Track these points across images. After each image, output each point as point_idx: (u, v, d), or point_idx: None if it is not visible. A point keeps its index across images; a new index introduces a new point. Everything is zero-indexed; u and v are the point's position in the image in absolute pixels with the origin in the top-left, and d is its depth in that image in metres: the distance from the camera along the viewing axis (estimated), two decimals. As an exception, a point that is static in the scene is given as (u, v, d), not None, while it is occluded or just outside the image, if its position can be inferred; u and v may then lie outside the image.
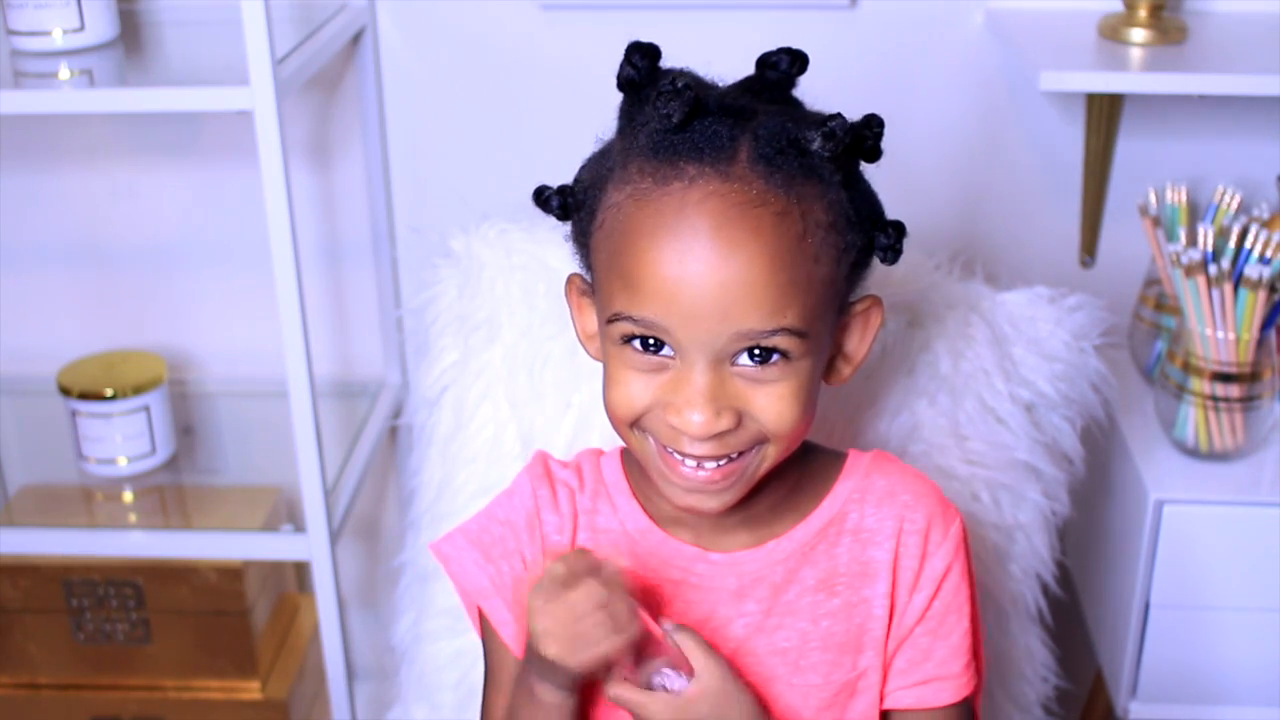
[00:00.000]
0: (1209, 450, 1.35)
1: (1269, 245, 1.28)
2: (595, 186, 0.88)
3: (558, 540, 0.97)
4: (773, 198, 0.81)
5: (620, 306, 0.84)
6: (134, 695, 1.65)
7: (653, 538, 0.94)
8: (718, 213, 0.80)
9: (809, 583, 0.93)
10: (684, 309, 0.81)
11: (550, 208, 0.91)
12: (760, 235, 0.80)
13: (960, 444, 1.19)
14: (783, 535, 0.94)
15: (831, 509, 0.95)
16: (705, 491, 0.87)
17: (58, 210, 1.65)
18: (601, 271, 0.87)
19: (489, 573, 0.97)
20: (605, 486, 0.98)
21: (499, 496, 1.01)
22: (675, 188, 0.81)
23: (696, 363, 0.82)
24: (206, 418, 1.69)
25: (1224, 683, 1.38)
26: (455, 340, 1.26)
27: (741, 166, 0.81)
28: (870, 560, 0.93)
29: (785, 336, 0.82)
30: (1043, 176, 1.57)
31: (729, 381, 0.83)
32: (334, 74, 1.57)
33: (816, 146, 0.82)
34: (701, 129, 0.82)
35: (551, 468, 1.00)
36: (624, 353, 0.85)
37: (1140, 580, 1.34)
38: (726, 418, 0.83)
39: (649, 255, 0.81)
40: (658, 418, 0.85)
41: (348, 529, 1.73)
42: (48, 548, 1.51)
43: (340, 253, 1.66)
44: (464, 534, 1.00)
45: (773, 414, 0.84)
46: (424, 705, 1.29)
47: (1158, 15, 1.39)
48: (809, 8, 1.50)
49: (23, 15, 1.32)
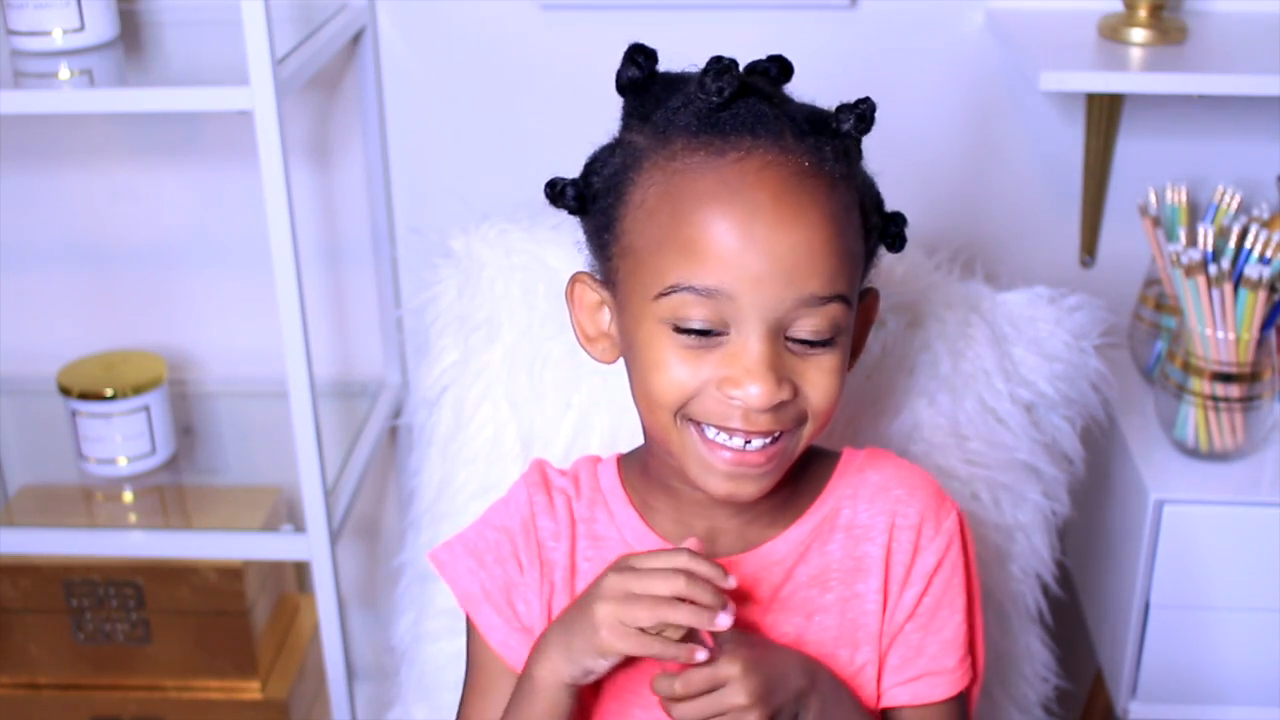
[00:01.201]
0: (1209, 450, 1.35)
1: (1269, 245, 1.28)
2: (621, 173, 0.87)
3: (553, 547, 0.97)
4: (823, 170, 0.83)
5: (679, 277, 0.83)
6: (134, 695, 1.65)
7: (649, 544, 0.94)
8: (778, 180, 0.81)
9: (802, 579, 0.93)
10: (751, 273, 0.81)
11: (564, 200, 0.91)
12: (819, 203, 0.82)
13: (960, 444, 1.19)
14: (778, 536, 0.94)
15: (825, 507, 0.95)
16: (747, 476, 0.86)
17: (58, 210, 1.65)
18: (645, 251, 0.85)
19: (480, 579, 0.98)
20: (602, 494, 0.97)
21: (496, 504, 1.01)
22: (732, 157, 0.82)
23: (755, 332, 0.82)
24: (206, 418, 1.69)
25: (1224, 683, 1.38)
26: (455, 340, 1.26)
27: (790, 141, 0.83)
28: (863, 556, 0.94)
29: (839, 305, 0.83)
30: (1043, 176, 1.57)
31: (785, 354, 0.84)
32: (334, 74, 1.57)
33: (849, 127, 0.84)
34: (746, 106, 0.83)
35: (549, 475, 1.00)
36: (672, 336, 0.84)
37: (1140, 580, 1.34)
38: (786, 388, 0.83)
39: (711, 222, 0.81)
40: (709, 397, 0.84)
41: (348, 529, 1.73)
42: (48, 548, 1.51)
43: (340, 253, 1.66)
44: (461, 542, 1.00)
45: (821, 389, 0.85)
46: (424, 705, 1.29)
47: (1158, 15, 1.39)
48: (809, 8, 1.50)
49: (23, 15, 1.32)
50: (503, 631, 0.97)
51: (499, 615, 0.98)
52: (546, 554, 0.97)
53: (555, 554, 0.96)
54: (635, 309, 0.86)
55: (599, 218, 0.90)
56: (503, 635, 0.97)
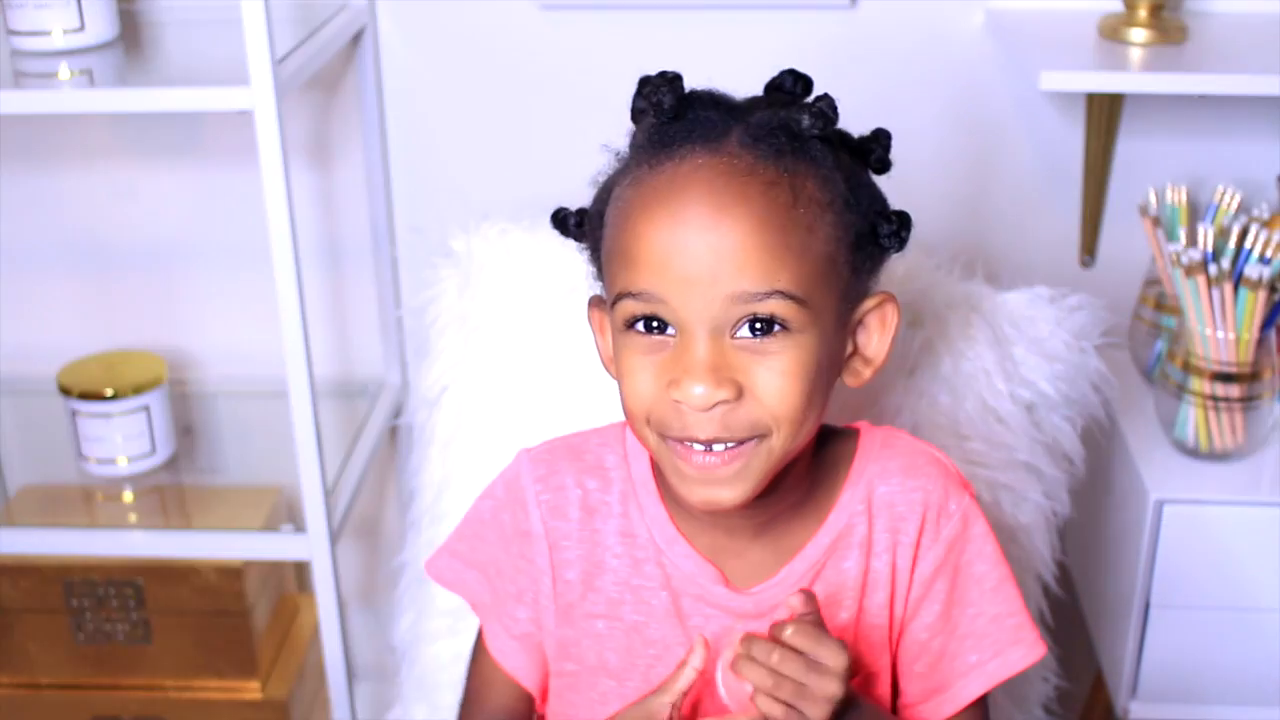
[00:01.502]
0: (1209, 450, 1.35)
1: (1269, 245, 1.28)
2: (603, 195, 0.89)
3: (567, 547, 0.95)
4: (761, 169, 0.82)
5: (621, 286, 0.84)
6: (134, 695, 1.65)
7: (678, 550, 0.93)
8: (706, 181, 0.81)
9: (819, 598, 0.91)
10: (678, 276, 0.81)
11: (568, 228, 0.93)
12: (748, 200, 0.81)
13: (960, 444, 1.19)
14: (795, 556, 0.93)
15: (839, 523, 0.93)
16: (717, 481, 0.85)
17: (58, 210, 1.65)
18: (605, 265, 0.88)
19: (488, 588, 0.98)
20: (634, 485, 0.95)
21: (491, 503, 0.99)
22: (667, 166, 0.83)
23: (695, 334, 0.82)
24: (206, 418, 1.69)
25: (1224, 683, 1.38)
26: (455, 340, 1.25)
27: (732, 145, 0.83)
28: (872, 570, 0.93)
29: (781, 301, 0.82)
30: (1043, 176, 1.57)
31: (729, 354, 0.83)
32: (334, 74, 1.57)
33: (806, 125, 0.83)
34: (695, 117, 0.84)
35: (558, 464, 0.97)
36: (629, 340, 0.85)
37: (1140, 580, 1.34)
38: (727, 387, 0.82)
39: (641, 228, 0.83)
40: (664, 403, 0.84)
41: (348, 529, 1.73)
42: (48, 548, 1.51)
43: (340, 253, 1.66)
44: (452, 553, 1.00)
45: (774, 390, 0.83)
46: (424, 705, 1.29)
47: (1158, 15, 1.39)
48: (809, 8, 1.50)
49: (23, 15, 1.32)
50: (520, 656, 0.98)
51: (499, 623, 0.98)
52: (559, 554, 0.95)
53: (569, 554, 0.95)
54: (610, 324, 0.89)
55: (591, 241, 0.92)
56: (518, 660, 0.98)
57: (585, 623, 0.95)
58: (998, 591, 0.94)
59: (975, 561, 0.94)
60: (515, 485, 0.98)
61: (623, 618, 0.94)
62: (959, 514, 0.94)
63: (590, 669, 0.95)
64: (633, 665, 0.94)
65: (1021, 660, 0.94)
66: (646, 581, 0.94)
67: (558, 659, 0.97)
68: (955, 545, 0.94)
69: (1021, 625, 0.95)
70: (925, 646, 0.95)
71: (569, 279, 1.21)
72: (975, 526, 0.95)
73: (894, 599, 0.94)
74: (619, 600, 0.94)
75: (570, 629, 0.96)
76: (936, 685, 0.95)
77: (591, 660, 0.95)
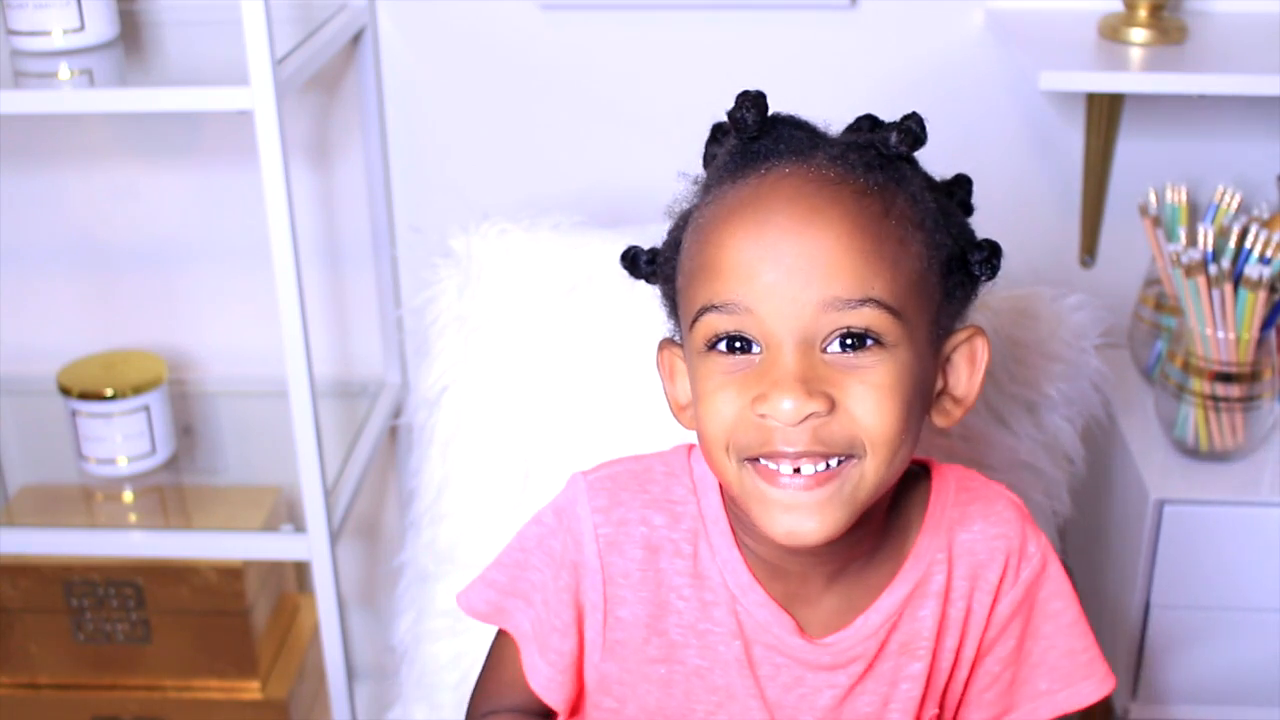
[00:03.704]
0: (1209, 450, 1.35)
1: (1269, 245, 1.28)
2: (678, 225, 0.86)
3: (623, 584, 0.89)
4: (851, 179, 0.79)
5: (703, 300, 0.80)
6: (134, 695, 1.65)
7: (753, 598, 0.88)
8: (794, 188, 0.78)
9: (893, 648, 0.90)
10: (766, 283, 0.77)
11: (638, 268, 0.90)
12: (840, 204, 0.78)
13: (960, 444, 1.19)
14: (869, 607, 0.88)
15: (916, 571, 0.89)
16: (805, 508, 0.79)
17: (58, 210, 1.65)
18: (684, 288, 0.83)
19: (530, 616, 0.93)
20: (704, 523, 0.89)
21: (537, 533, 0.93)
22: (752, 179, 0.80)
23: (781, 344, 0.77)
24: (206, 418, 1.69)
25: (1224, 683, 1.38)
26: (455, 340, 1.25)
27: (820, 158, 0.80)
28: (948, 617, 0.90)
29: (875, 310, 0.77)
30: (1043, 176, 1.57)
31: (820, 367, 0.78)
32: (334, 74, 1.57)
33: (894, 141, 0.81)
34: (779, 134, 0.81)
35: (620, 497, 0.90)
36: (710, 362, 0.80)
37: (1140, 580, 1.34)
38: (819, 400, 0.76)
39: (726, 239, 0.79)
40: (747, 423, 0.79)
41: (348, 529, 1.73)
42: (48, 548, 1.51)
43: (340, 253, 1.66)
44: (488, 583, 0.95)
45: (870, 404, 0.77)
46: (424, 705, 1.29)
47: (1158, 15, 1.39)
48: (809, 8, 1.50)
49: (23, 15, 1.32)
50: (549, 674, 0.92)
51: (536, 648, 0.93)
52: (614, 590, 0.89)
53: (625, 591, 0.89)
54: (688, 352, 0.84)
55: (665, 280, 0.88)
56: (545, 678, 0.92)
57: (645, 667, 0.90)
58: (1074, 627, 0.92)
59: (1052, 600, 0.92)
60: (570, 514, 0.90)
61: (685, 662, 0.89)
62: (1038, 555, 0.91)
63: (635, 710, 0.91)
64: (691, 712, 0.90)
65: (1093, 694, 0.92)
66: (715, 627, 0.89)
67: (597, 692, 0.93)
68: (1034, 585, 0.92)
69: (1094, 660, 0.93)
70: (997, 677, 0.93)
71: (569, 279, 1.21)
72: (1053, 566, 0.92)
73: (964, 642, 0.91)
74: (683, 644, 0.89)
75: (615, 665, 0.91)
76: (1003, 709, 0.94)
77: (635, 704, 0.91)
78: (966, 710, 0.95)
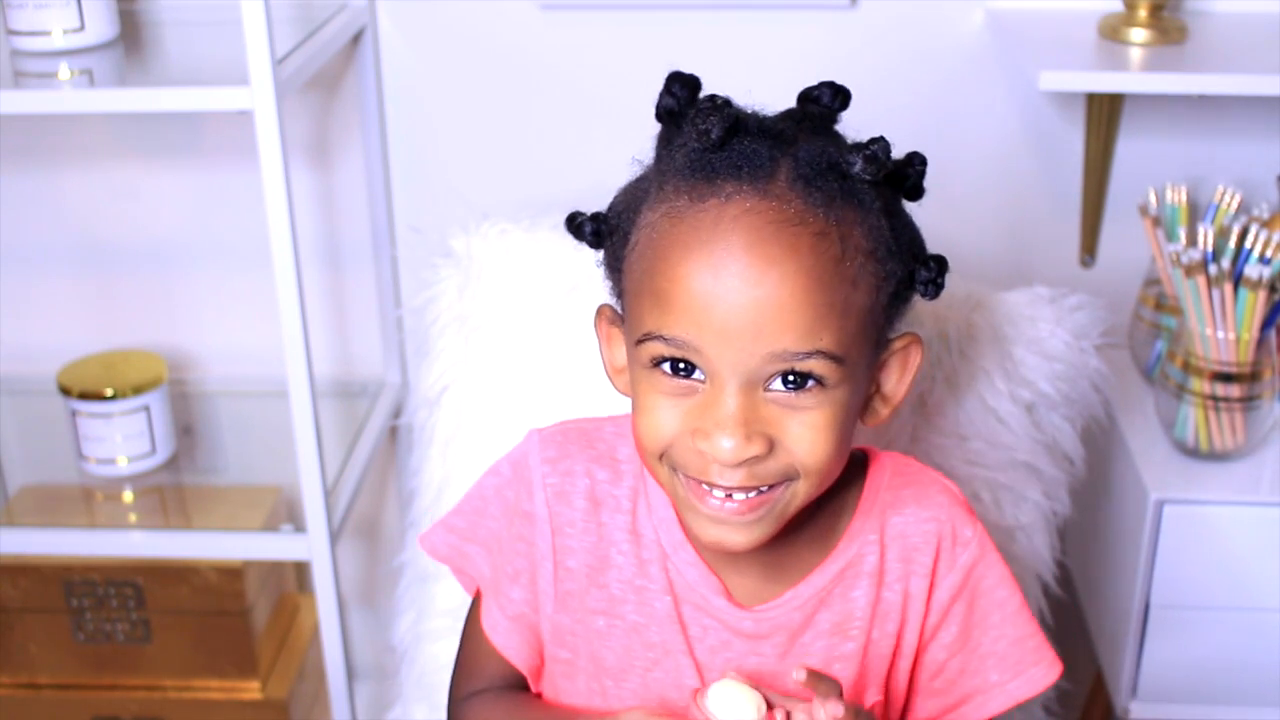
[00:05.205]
0: (1209, 450, 1.35)
1: (1269, 245, 1.28)
2: (629, 210, 0.86)
3: (570, 534, 0.93)
4: (811, 218, 0.78)
5: (651, 326, 0.81)
6: (134, 695, 1.65)
7: (683, 556, 0.92)
8: (753, 229, 0.78)
9: (824, 626, 0.91)
10: (716, 328, 0.78)
11: (583, 234, 0.90)
12: (797, 254, 0.78)
13: (960, 444, 1.19)
14: (800, 581, 0.91)
15: (849, 552, 0.92)
16: (732, 524, 0.83)
17: (58, 210, 1.65)
18: (632, 294, 0.85)
19: (489, 562, 0.97)
20: (645, 482, 0.93)
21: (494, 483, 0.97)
22: (711, 204, 0.79)
23: (727, 385, 0.79)
24: (206, 418, 1.69)
25: (1224, 683, 1.38)
26: (455, 340, 1.26)
27: (780, 185, 0.79)
28: (883, 601, 0.92)
29: (821, 360, 0.79)
30: (1043, 176, 1.57)
31: (761, 407, 0.80)
32: (334, 74, 1.57)
33: (858, 170, 0.80)
34: (740, 148, 0.80)
35: (568, 449, 0.94)
36: (653, 377, 0.82)
37: (1140, 580, 1.34)
38: (758, 443, 0.80)
39: (681, 271, 0.79)
40: (685, 446, 0.82)
41: (348, 529, 1.73)
42: (48, 548, 1.51)
43: (340, 253, 1.66)
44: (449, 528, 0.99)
45: (806, 444, 0.81)
46: (424, 705, 1.29)
47: (1158, 15, 1.39)
48: (809, 8, 1.50)
49: (23, 15, 1.32)
50: (512, 635, 0.96)
51: (494, 599, 0.97)
52: (562, 540, 0.93)
53: (572, 542, 0.93)
54: (629, 350, 0.86)
55: (611, 254, 0.89)
56: (507, 639, 0.97)
57: (586, 617, 0.94)
58: (1019, 615, 0.94)
59: (997, 588, 0.94)
60: (522, 465, 0.95)
61: (624, 617, 0.93)
62: (975, 540, 0.93)
63: (586, 661, 0.95)
64: (631, 666, 0.93)
65: (1044, 679, 0.94)
66: (650, 583, 0.92)
67: (553, 644, 0.96)
68: (973, 570, 0.93)
69: (1041, 645, 0.95)
70: (943, 665, 0.94)
71: (569, 279, 1.21)
72: (990, 552, 0.94)
73: (904, 627, 0.93)
74: (621, 599, 0.93)
75: (566, 616, 0.94)
76: (954, 701, 0.95)
77: (586, 654, 0.94)
78: (917, 699, 0.96)
